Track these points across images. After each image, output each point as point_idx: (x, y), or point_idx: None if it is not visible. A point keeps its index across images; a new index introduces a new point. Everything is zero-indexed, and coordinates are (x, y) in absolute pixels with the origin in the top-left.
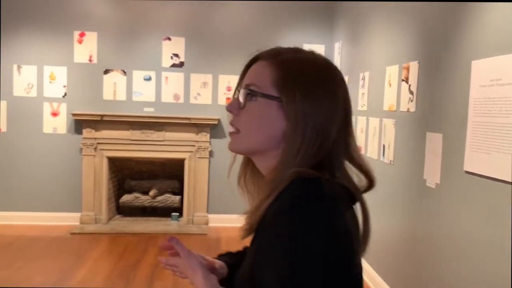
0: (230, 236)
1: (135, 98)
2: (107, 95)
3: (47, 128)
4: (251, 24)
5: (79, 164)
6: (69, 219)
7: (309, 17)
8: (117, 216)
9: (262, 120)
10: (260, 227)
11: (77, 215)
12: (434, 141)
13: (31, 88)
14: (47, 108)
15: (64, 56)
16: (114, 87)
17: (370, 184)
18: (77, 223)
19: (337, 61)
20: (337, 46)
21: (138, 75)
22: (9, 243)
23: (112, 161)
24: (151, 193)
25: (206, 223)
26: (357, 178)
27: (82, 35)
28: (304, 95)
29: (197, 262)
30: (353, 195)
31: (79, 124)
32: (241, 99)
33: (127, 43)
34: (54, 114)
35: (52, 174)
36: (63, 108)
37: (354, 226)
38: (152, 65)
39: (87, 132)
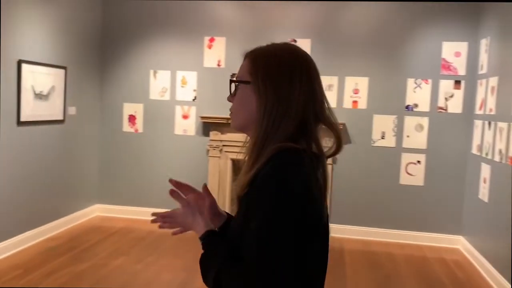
0: (354, 249)
1: None
2: None
3: (178, 130)
4: (382, 23)
5: (206, 164)
6: None
7: (449, 12)
8: None
9: (242, 100)
10: (250, 188)
11: None
12: None
13: (165, 92)
14: (178, 111)
15: (195, 61)
16: None
17: (338, 148)
18: None
19: (483, 59)
20: (483, 43)
21: None
22: (142, 238)
23: (235, 163)
24: None
25: None
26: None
27: (211, 40)
28: (264, 76)
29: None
30: (320, 159)
31: (207, 126)
32: (232, 89)
33: (254, 46)
34: (185, 116)
35: (181, 173)
36: (192, 111)
37: (321, 184)
38: None
39: (213, 135)
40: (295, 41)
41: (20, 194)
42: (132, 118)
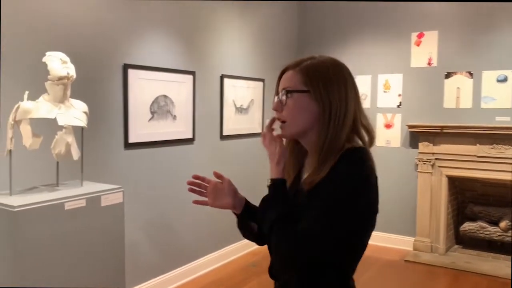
0: None
1: (484, 104)
2: (449, 102)
3: (380, 141)
4: None
5: (414, 181)
6: (402, 243)
7: None
8: (456, 247)
9: (299, 109)
10: (324, 182)
11: (411, 239)
12: None
13: (365, 98)
14: (380, 120)
15: (400, 61)
16: (457, 93)
17: (371, 142)
18: (410, 249)
19: None
20: None
21: (489, 76)
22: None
23: (452, 180)
24: (502, 224)
25: None
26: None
27: (420, 36)
28: (324, 84)
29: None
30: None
31: (415, 136)
32: (282, 99)
33: (474, 38)
34: (388, 125)
35: (385, 190)
36: (397, 119)
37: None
38: (508, 62)
39: (423, 146)
40: None
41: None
42: None
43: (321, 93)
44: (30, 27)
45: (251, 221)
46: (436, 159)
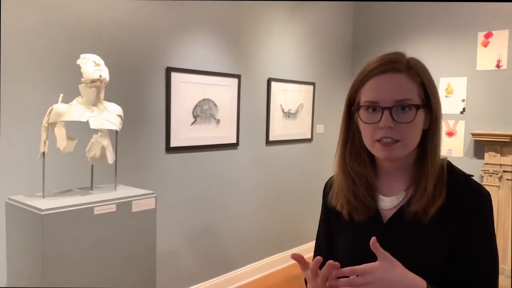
0: None
1: None
2: None
3: (441, 150)
4: None
5: None
6: None
7: None
8: None
9: (418, 127)
10: (448, 207)
11: None
12: None
13: None
14: (442, 127)
15: (464, 64)
16: None
17: None
18: None
19: None
20: None
21: None
22: None
23: None
24: None
25: None
26: None
27: (488, 36)
28: (436, 94)
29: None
30: None
31: (480, 146)
32: (397, 114)
33: None
34: (450, 133)
35: None
36: (460, 127)
37: None
38: None
39: (490, 157)
40: None
41: (267, 216)
42: None
43: (437, 106)
44: (72, 30)
45: None
46: (504, 171)
